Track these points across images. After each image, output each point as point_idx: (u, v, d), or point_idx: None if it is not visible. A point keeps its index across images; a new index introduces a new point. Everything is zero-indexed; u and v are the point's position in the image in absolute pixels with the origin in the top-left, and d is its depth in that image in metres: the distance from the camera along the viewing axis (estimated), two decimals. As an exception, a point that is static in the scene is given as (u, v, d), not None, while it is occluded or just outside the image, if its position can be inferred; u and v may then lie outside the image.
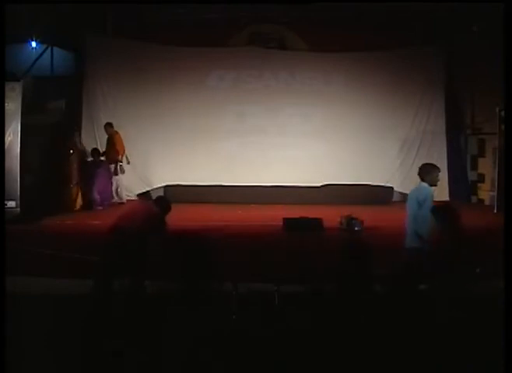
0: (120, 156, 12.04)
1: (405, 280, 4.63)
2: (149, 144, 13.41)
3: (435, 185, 5.95)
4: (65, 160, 10.96)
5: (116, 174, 12.07)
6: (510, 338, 3.20)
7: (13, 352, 3.39)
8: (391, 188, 13.32)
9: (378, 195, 12.97)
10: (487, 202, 12.72)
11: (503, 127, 10.38)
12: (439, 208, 5.23)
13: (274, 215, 9.56)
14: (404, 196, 13.63)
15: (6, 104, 8.91)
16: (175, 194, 12.81)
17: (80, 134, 12.69)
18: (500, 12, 5.76)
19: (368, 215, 9.28)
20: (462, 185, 13.61)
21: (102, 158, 11.87)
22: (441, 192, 13.65)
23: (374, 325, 3.81)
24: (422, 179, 5.82)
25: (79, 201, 11.06)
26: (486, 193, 12.87)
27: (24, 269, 5.63)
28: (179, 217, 10.28)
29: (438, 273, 4.72)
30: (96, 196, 11.49)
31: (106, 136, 12.42)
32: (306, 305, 4.18)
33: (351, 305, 4.18)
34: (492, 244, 6.45)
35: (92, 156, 11.88)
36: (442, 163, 13.69)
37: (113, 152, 11.98)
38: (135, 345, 3.61)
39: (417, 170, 6.73)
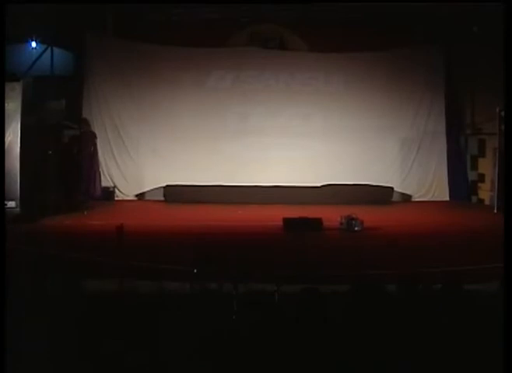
0: None
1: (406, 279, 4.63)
2: (149, 144, 13.42)
3: None
4: (65, 160, 10.94)
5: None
6: (510, 338, 3.20)
7: (13, 352, 3.39)
8: (391, 188, 13.32)
9: (378, 195, 12.96)
10: (487, 202, 12.73)
11: (503, 127, 10.38)
12: None
13: (274, 215, 9.55)
14: (404, 196, 13.69)
15: (6, 104, 8.88)
16: (175, 194, 12.85)
17: (80, 134, 12.67)
18: (500, 12, 5.76)
19: (368, 215, 9.27)
20: (462, 185, 13.62)
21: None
22: (441, 192, 13.70)
23: (376, 326, 3.81)
24: None
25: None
26: (486, 193, 12.87)
27: (24, 269, 5.61)
28: (179, 216, 10.36)
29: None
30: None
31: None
32: (307, 305, 4.17)
33: (352, 304, 4.18)
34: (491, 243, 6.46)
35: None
36: (442, 163, 13.73)
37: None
38: (133, 346, 3.61)
39: (417, 170, 6.73)
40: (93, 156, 11.81)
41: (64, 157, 10.95)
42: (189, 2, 11.50)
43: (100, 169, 13.09)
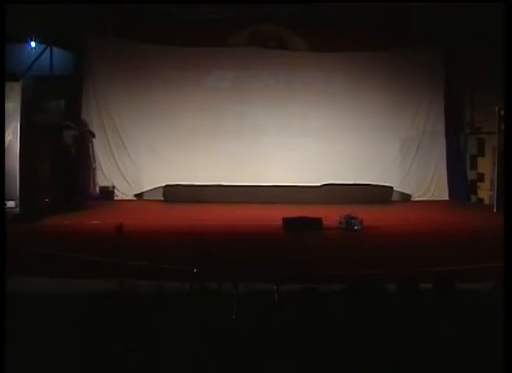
0: None
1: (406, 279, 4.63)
2: (148, 143, 13.41)
3: None
4: (63, 160, 10.94)
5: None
6: (511, 338, 3.21)
7: (12, 352, 3.39)
8: (391, 188, 13.32)
9: (377, 195, 12.97)
10: (486, 201, 12.73)
11: (502, 126, 10.37)
12: None
13: (274, 215, 9.55)
14: (403, 195, 13.69)
15: (6, 104, 8.88)
16: (175, 194, 12.85)
17: (78, 134, 12.66)
18: (500, 12, 5.76)
19: (367, 215, 9.27)
20: (461, 184, 13.62)
21: None
22: (441, 191, 13.70)
23: (376, 326, 3.81)
24: None
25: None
26: (486, 192, 12.88)
27: (24, 269, 5.62)
28: (178, 216, 10.36)
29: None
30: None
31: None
32: (307, 305, 4.17)
33: (351, 304, 4.17)
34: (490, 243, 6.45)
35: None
36: (441, 162, 13.74)
37: None
38: (133, 346, 3.61)
39: (417, 169, 6.72)
40: (91, 156, 11.75)
41: (62, 157, 10.95)
42: (191, 2, 11.49)
43: (99, 169, 13.11)
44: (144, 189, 13.51)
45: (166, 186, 13.09)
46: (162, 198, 13.07)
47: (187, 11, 12.42)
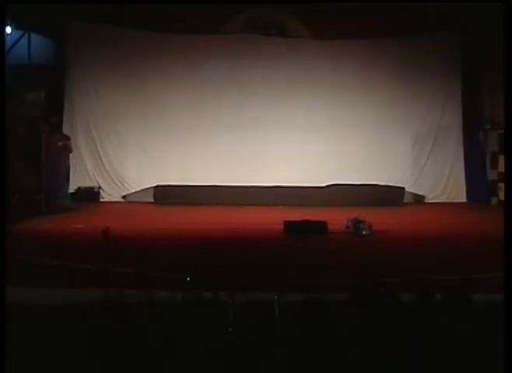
0: None
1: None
2: (138, 140, 13.42)
3: None
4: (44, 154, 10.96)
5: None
6: (510, 342, 3.27)
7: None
8: (402, 188, 13.36)
9: (388, 196, 13.02)
10: (509, 204, 12.73)
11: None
12: None
13: (274, 218, 9.59)
14: (416, 197, 13.71)
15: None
16: (166, 195, 12.89)
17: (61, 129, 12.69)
18: (500, 12, 5.85)
19: (377, 218, 9.31)
20: (481, 185, 13.64)
21: None
22: (458, 192, 13.72)
23: (386, 338, 3.85)
24: None
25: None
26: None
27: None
28: (170, 220, 10.39)
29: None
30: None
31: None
32: (310, 317, 4.21)
33: (359, 316, 4.21)
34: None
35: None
36: (458, 161, 13.75)
37: None
38: (123, 360, 3.65)
39: (431, 168, 6.74)
40: (62, 155, 11.64)
41: (40, 153, 10.96)
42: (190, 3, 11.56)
43: (83, 168, 13.11)
44: (132, 190, 13.52)
45: (157, 186, 13.12)
46: (152, 200, 13.10)
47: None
